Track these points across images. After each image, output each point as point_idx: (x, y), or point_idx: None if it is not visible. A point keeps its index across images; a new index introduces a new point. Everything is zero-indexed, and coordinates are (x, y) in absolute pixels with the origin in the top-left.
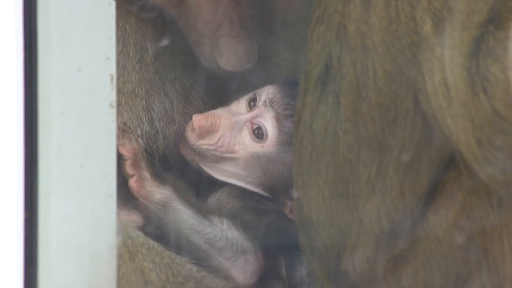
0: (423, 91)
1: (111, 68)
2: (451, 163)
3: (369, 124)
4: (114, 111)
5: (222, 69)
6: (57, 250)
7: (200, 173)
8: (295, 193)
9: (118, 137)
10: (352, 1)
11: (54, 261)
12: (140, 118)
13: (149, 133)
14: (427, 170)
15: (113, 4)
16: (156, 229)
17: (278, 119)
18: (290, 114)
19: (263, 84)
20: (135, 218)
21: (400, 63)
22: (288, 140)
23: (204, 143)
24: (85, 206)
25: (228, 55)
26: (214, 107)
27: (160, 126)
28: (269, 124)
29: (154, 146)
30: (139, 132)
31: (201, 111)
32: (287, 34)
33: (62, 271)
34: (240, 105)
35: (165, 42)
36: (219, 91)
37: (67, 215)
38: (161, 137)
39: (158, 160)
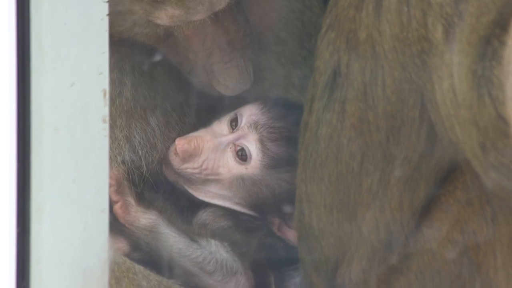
0: (432, 100)
1: (104, 83)
2: (447, 178)
3: (374, 132)
4: (106, 126)
5: (221, 93)
6: (49, 264)
7: (185, 194)
8: (297, 200)
9: None
10: (364, 7)
11: (46, 276)
12: (121, 147)
13: (131, 160)
14: (426, 183)
15: (106, 19)
16: (144, 255)
17: (262, 142)
18: (275, 138)
19: (251, 101)
20: (121, 246)
21: (409, 71)
22: (272, 163)
23: (189, 167)
24: (77, 221)
25: (224, 80)
26: (195, 127)
27: (142, 153)
28: (253, 146)
29: (137, 172)
30: (120, 160)
31: (183, 133)
32: (278, 49)
33: (54, 286)
34: (222, 126)
35: (144, 71)
36: (201, 111)
37: (59, 230)
38: (143, 163)
39: (142, 185)
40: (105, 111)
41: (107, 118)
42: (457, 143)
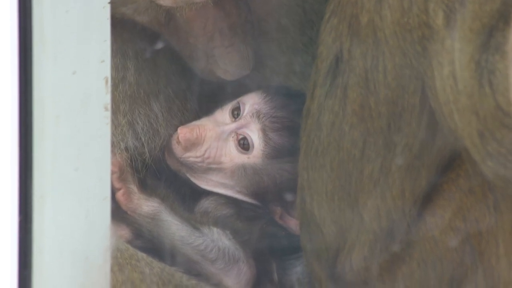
0: (431, 86)
1: (106, 71)
2: (449, 166)
3: (375, 118)
4: (108, 113)
5: (220, 79)
6: (51, 252)
7: (187, 182)
8: (298, 188)
9: None
10: None
11: (48, 264)
12: (124, 133)
13: (134, 146)
14: (427, 170)
15: (108, 7)
16: (146, 242)
17: (264, 131)
18: (277, 128)
19: (253, 89)
20: (123, 233)
21: (410, 57)
22: (273, 153)
23: (191, 156)
24: (79, 209)
25: (224, 65)
26: (197, 114)
27: (145, 139)
28: (255, 136)
29: (140, 159)
30: (123, 146)
31: (185, 121)
32: (280, 36)
33: (56, 274)
34: (224, 114)
35: (146, 57)
36: (203, 98)
37: (61, 218)
38: (146, 150)
39: (145, 172)
40: (107, 99)
41: (109, 106)
42: (456, 130)
